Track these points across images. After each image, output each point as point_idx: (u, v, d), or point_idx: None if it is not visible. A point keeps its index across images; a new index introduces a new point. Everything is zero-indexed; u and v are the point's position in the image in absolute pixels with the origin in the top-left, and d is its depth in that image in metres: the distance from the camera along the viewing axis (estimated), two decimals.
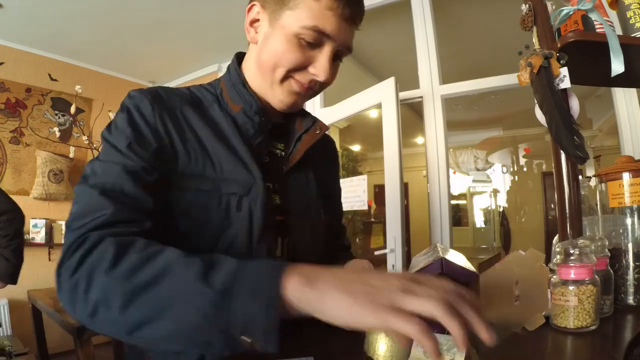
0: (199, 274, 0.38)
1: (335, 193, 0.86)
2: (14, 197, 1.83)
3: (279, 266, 0.38)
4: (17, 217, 1.79)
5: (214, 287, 0.37)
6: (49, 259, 3.14)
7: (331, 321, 0.36)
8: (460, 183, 6.32)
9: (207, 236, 0.57)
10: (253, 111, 0.64)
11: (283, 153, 0.70)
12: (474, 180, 6.35)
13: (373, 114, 3.34)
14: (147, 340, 0.41)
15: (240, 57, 0.70)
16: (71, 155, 3.17)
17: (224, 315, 0.36)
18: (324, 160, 0.82)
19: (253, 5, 0.62)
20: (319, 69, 0.58)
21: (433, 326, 0.36)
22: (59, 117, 3.33)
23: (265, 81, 0.62)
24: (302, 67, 0.59)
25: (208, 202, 0.57)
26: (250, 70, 0.66)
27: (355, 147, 5.77)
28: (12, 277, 1.73)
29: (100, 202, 0.48)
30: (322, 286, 0.36)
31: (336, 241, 0.84)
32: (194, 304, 0.37)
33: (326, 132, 0.81)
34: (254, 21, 0.62)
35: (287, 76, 0.60)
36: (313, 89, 0.62)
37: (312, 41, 0.57)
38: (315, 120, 0.72)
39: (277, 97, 0.63)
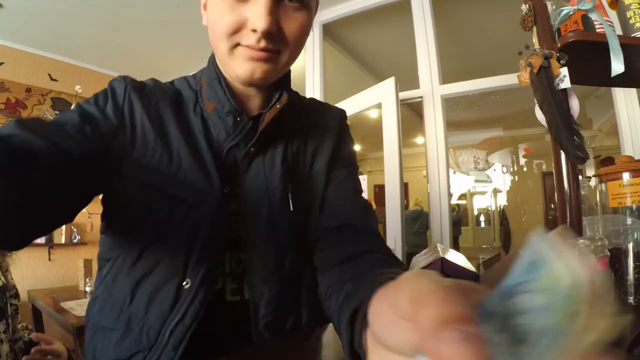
0: None
1: (332, 182, 0.63)
2: None
3: None
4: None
5: None
6: (49, 259, 3.14)
7: None
8: (460, 183, 6.33)
9: (145, 232, 0.54)
10: (225, 111, 0.57)
11: None
12: (475, 180, 6.36)
13: (373, 114, 3.34)
14: None
15: None
16: None
17: None
18: (319, 143, 0.65)
19: None
20: (254, 17, 0.49)
21: None
22: None
23: (221, 61, 0.57)
24: (241, 27, 0.51)
25: (151, 200, 0.54)
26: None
27: (355, 147, 5.78)
28: None
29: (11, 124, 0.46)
30: None
31: (350, 248, 0.53)
32: None
33: (331, 105, 0.73)
34: (206, 5, 0.57)
35: (233, 45, 0.52)
36: (268, 50, 0.51)
37: None
38: (281, 93, 0.58)
39: (234, 72, 0.54)
